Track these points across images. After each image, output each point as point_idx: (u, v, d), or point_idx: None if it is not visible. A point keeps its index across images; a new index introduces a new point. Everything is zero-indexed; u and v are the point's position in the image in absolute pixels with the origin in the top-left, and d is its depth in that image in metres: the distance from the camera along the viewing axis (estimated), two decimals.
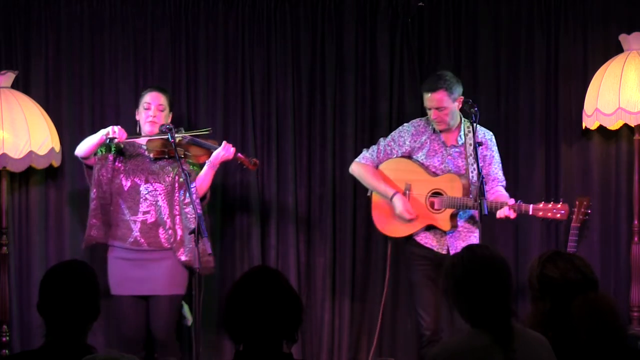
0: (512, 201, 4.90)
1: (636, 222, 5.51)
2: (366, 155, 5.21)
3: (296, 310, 2.76)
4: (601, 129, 5.58)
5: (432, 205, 5.02)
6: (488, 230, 5.32)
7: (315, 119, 5.80)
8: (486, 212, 4.67)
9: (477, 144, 4.82)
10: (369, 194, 5.24)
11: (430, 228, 5.05)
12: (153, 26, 5.71)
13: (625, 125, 5.50)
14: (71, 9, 5.65)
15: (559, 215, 4.88)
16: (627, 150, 5.66)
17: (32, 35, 5.62)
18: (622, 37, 5.54)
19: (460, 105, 5.02)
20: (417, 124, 5.17)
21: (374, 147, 5.22)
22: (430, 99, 4.99)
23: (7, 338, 5.42)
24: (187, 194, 4.86)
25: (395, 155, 5.15)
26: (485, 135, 5.10)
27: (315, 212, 5.78)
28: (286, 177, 5.75)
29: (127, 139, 4.99)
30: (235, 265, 5.69)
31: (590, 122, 5.54)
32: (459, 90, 5.01)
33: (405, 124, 5.22)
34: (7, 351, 5.38)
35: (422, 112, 5.72)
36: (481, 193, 4.68)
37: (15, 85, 5.48)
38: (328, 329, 5.75)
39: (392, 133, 5.22)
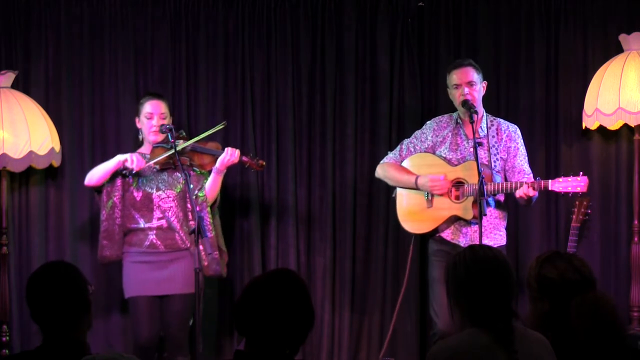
0: (530, 179, 4.87)
1: (636, 222, 5.51)
2: (389, 155, 5.19)
3: (307, 325, 2.75)
4: (601, 129, 5.58)
5: (456, 197, 4.98)
6: None
7: (315, 119, 5.80)
8: (485, 213, 4.67)
9: (477, 144, 4.81)
10: (393, 196, 5.20)
11: (455, 221, 4.99)
12: (153, 26, 5.71)
13: (625, 125, 5.50)
14: (71, 9, 5.65)
15: (579, 188, 4.80)
16: (627, 150, 5.66)
17: (32, 35, 5.63)
18: (622, 37, 5.54)
19: (485, 91, 5.05)
20: (440, 120, 5.15)
21: (398, 147, 5.19)
22: (459, 72, 4.98)
23: (7, 338, 5.43)
24: (199, 200, 4.91)
25: (417, 152, 5.13)
26: (509, 127, 5.09)
27: (315, 212, 5.78)
28: (286, 177, 5.75)
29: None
30: (235, 265, 5.69)
31: (590, 122, 5.54)
32: (482, 75, 5.04)
33: (427, 121, 5.20)
34: (7, 351, 5.38)
35: (422, 111, 5.75)
36: (481, 193, 4.67)
37: (15, 85, 5.48)
38: (328, 329, 5.75)
39: (415, 131, 5.20)
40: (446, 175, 4.95)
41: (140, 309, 4.97)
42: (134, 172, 4.99)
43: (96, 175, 5.04)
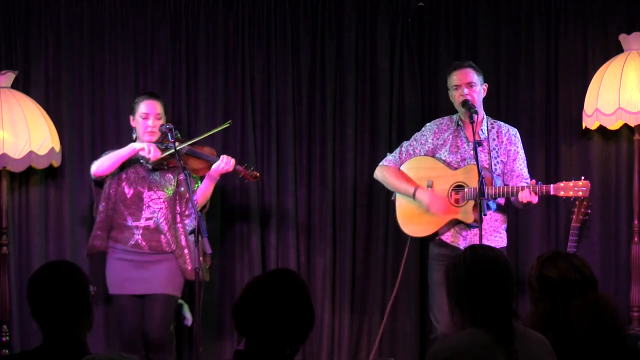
0: (532, 182, 4.86)
1: (636, 222, 5.51)
2: (389, 158, 5.17)
3: (307, 325, 2.75)
4: (601, 129, 5.58)
5: (456, 201, 4.97)
6: None
7: (315, 119, 5.80)
8: (486, 213, 4.66)
9: (477, 144, 4.81)
10: (392, 198, 5.18)
11: (455, 224, 4.98)
12: (153, 26, 5.71)
13: (625, 125, 5.50)
14: (71, 9, 5.65)
15: (580, 192, 4.81)
16: (627, 150, 5.66)
17: (32, 35, 5.62)
18: (622, 37, 5.54)
19: (485, 94, 5.04)
20: (440, 122, 5.14)
21: (397, 150, 5.18)
22: (459, 73, 4.97)
23: (7, 338, 5.43)
24: (190, 204, 4.91)
25: (418, 155, 5.12)
26: (510, 130, 5.08)
27: (315, 212, 5.78)
28: (286, 177, 5.75)
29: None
30: (235, 265, 5.69)
31: (590, 122, 5.54)
32: (482, 77, 5.03)
33: (427, 124, 5.19)
34: (7, 351, 5.38)
35: (422, 112, 5.75)
36: (481, 193, 4.67)
37: (15, 85, 5.48)
38: (328, 329, 5.75)
39: (415, 134, 5.19)
40: (446, 199, 4.95)
41: (123, 308, 5.03)
42: (150, 161, 4.99)
43: (107, 162, 5.02)
